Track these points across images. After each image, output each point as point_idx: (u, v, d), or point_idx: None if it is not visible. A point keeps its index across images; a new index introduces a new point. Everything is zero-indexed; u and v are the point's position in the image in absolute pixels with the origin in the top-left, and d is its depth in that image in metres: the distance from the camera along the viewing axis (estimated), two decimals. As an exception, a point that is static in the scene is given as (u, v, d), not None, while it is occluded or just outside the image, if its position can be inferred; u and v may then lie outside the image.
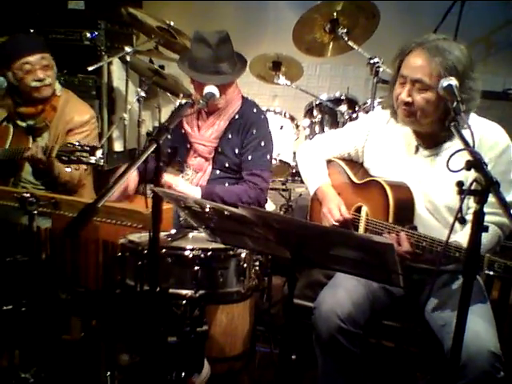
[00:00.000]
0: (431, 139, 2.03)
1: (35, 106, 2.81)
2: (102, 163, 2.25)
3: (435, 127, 1.96)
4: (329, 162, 2.34)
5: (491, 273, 1.59)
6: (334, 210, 2.13)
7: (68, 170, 2.39)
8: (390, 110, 2.09)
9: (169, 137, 2.78)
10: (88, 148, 2.24)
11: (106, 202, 1.48)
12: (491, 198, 1.30)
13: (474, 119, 1.96)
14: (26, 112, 2.82)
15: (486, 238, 1.35)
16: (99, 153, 2.23)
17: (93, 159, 2.23)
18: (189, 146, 2.75)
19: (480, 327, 1.75)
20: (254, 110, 2.70)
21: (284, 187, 4.03)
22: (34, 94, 2.77)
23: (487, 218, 1.33)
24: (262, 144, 2.65)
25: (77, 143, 2.29)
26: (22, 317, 2.02)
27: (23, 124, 2.83)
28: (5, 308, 2.03)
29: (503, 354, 1.73)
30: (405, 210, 2.01)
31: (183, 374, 2.07)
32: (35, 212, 1.98)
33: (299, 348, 2.48)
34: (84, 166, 2.76)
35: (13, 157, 2.67)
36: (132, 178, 2.62)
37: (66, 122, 2.81)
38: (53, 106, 2.84)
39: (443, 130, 1.92)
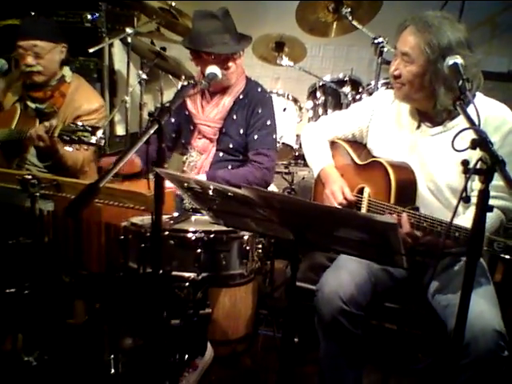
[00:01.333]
0: (432, 118, 2.01)
1: (43, 91, 2.81)
2: (102, 143, 2.25)
3: (429, 105, 1.97)
4: (332, 143, 2.33)
5: (504, 255, 1.57)
6: (337, 193, 2.13)
7: (69, 149, 2.38)
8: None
9: (172, 120, 2.77)
10: (89, 128, 2.23)
11: (109, 183, 1.47)
12: (496, 182, 1.28)
13: (480, 99, 1.94)
14: (34, 95, 2.82)
15: (487, 220, 1.33)
16: (100, 133, 2.23)
17: (93, 139, 2.22)
18: (193, 127, 2.74)
19: (483, 307, 1.75)
20: (259, 90, 2.69)
21: (287, 170, 4.03)
22: (25, 78, 2.79)
23: (491, 201, 1.31)
24: (268, 123, 2.64)
25: (79, 123, 2.28)
26: (25, 300, 2.03)
27: (32, 106, 2.83)
28: (8, 291, 2.03)
29: (508, 339, 1.73)
30: (407, 190, 2.00)
31: (186, 357, 2.08)
32: (37, 194, 1.98)
33: (302, 331, 2.49)
34: (86, 150, 2.77)
35: (17, 137, 2.67)
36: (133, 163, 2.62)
37: (75, 108, 2.80)
38: (62, 93, 2.83)
39: (442, 109, 1.92)
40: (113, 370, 2.11)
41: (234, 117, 2.65)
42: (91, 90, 2.99)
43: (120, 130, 4.31)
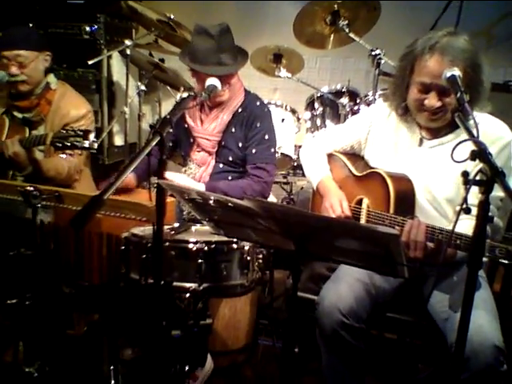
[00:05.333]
0: (435, 131, 2.03)
1: (29, 100, 2.81)
2: (95, 147, 2.25)
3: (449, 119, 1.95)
4: (329, 156, 2.34)
5: (506, 261, 1.57)
6: (336, 205, 2.13)
7: (63, 156, 2.38)
8: (396, 108, 2.09)
9: (170, 130, 2.77)
10: (81, 132, 2.23)
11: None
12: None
13: (478, 114, 1.95)
14: (21, 105, 2.82)
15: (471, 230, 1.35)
16: (92, 136, 2.22)
17: (86, 143, 2.23)
18: (192, 140, 2.74)
19: (483, 320, 1.75)
20: (258, 103, 2.70)
21: (285, 180, 4.05)
22: (11, 88, 2.79)
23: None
24: (266, 137, 2.64)
25: (70, 129, 2.28)
26: (26, 311, 2.02)
27: (19, 116, 2.83)
28: (9, 302, 2.03)
29: (505, 346, 1.73)
30: (405, 201, 2.00)
31: (187, 368, 2.07)
32: (39, 205, 1.98)
33: (302, 341, 2.49)
34: (76, 160, 2.77)
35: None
36: (130, 181, 2.63)
37: (62, 115, 2.79)
38: (47, 101, 2.83)
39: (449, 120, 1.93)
40: (113, 382, 2.10)
41: (233, 130, 2.65)
42: (77, 95, 2.97)
43: (118, 141, 4.32)
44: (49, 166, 2.70)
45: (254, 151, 2.63)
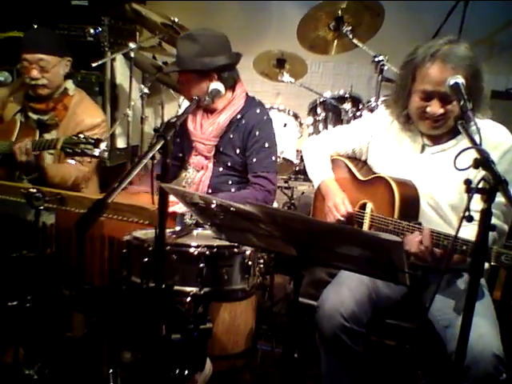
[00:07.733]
0: (437, 138, 2.03)
1: (46, 103, 2.82)
2: (105, 156, 2.26)
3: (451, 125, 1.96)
4: (334, 159, 2.35)
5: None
6: (340, 205, 2.14)
7: (72, 161, 2.38)
8: (397, 117, 2.10)
9: (178, 140, 2.77)
10: (92, 140, 2.24)
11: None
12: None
13: (479, 120, 1.96)
14: (36, 107, 2.83)
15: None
16: (103, 145, 2.23)
17: (97, 151, 2.23)
18: (192, 144, 2.75)
19: (484, 329, 1.75)
20: (258, 111, 2.65)
21: (287, 185, 4.04)
22: (29, 90, 2.80)
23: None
24: (266, 145, 2.61)
25: (81, 136, 2.29)
26: (27, 313, 2.03)
27: (34, 117, 2.84)
28: (10, 304, 2.03)
29: (505, 354, 1.73)
30: (410, 206, 2.01)
31: (186, 372, 2.07)
32: (41, 208, 1.99)
33: (301, 346, 2.49)
34: (86, 169, 2.77)
35: (7, 151, 2.67)
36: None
37: (77, 123, 2.79)
38: (64, 106, 2.84)
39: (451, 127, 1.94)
40: (112, 385, 2.10)
41: (231, 136, 2.63)
42: (93, 104, 3.00)
43: (121, 143, 4.34)
44: (54, 173, 2.70)
45: (254, 160, 2.61)
